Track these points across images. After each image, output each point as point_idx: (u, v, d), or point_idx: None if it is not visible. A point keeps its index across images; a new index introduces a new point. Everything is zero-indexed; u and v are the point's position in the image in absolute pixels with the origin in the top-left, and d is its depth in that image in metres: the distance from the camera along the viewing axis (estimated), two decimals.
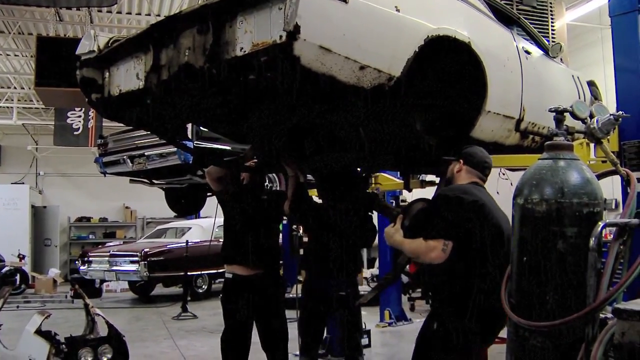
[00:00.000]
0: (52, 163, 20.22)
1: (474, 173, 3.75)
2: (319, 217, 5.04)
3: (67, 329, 7.48)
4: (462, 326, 3.31)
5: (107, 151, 9.51)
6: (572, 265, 2.47)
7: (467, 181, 3.70)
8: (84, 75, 4.39)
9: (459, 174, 3.77)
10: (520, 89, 4.96)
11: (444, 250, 3.30)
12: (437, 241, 3.34)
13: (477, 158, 3.82)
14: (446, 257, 3.31)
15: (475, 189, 3.60)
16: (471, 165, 3.76)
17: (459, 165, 3.78)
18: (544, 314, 2.50)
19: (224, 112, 4.92)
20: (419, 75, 3.91)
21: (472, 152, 3.86)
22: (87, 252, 14.29)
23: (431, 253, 3.35)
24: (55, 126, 16.74)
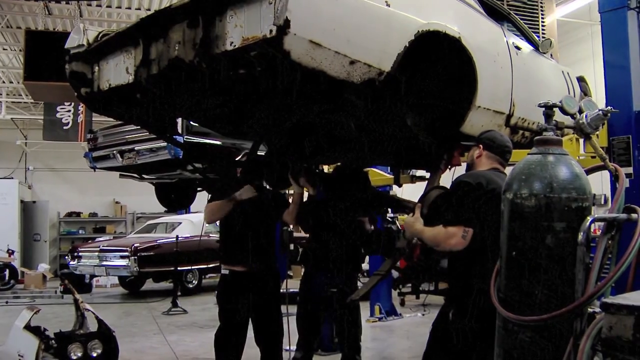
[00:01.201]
0: (42, 158, 20.12)
1: (495, 158, 3.71)
2: (320, 217, 5.03)
3: (56, 324, 7.47)
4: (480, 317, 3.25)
5: (96, 146, 9.47)
6: (560, 260, 2.48)
7: (488, 167, 3.65)
8: (73, 69, 4.38)
9: (479, 159, 3.73)
10: (511, 85, 4.98)
11: (464, 237, 3.27)
12: (457, 228, 3.30)
13: (497, 142, 3.77)
14: (466, 244, 3.27)
15: (496, 176, 3.51)
16: (491, 150, 3.72)
17: (478, 151, 3.75)
18: (532, 309, 2.51)
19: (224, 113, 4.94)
20: (410, 71, 3.92)
21: (492, 137, 3.81)
22: (77, 247, 14.25)
23: (451, 240, 3.31)
24: (45, 121, 16.64)
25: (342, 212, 4.97)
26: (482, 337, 3.23)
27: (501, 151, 3.73)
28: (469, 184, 3.45)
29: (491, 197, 3.27)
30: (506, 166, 3.71)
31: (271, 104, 4.51)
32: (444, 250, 3.42)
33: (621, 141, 5.55)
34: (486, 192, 3.34)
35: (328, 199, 5.04)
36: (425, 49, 3.90)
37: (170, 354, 7.45)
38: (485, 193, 3.34)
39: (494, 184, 3.36)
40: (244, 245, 5.00)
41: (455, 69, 4.36)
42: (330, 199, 5.03)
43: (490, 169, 3.62)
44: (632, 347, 2.08)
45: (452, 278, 3.68)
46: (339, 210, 4.98)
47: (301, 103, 4.38)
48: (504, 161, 3.74)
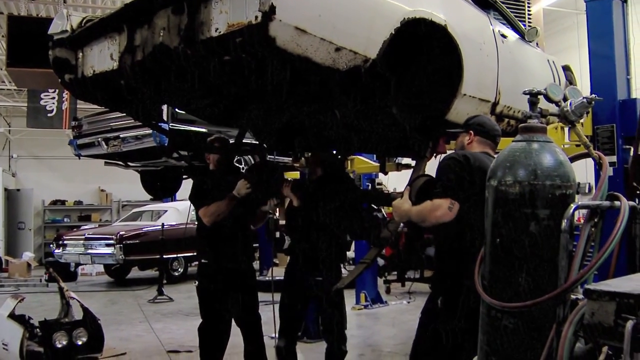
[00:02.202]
0: (26, 145, 19.97)
1: (486, 143, 3.69)
2: (310, 218, 5.02)
3: (41, 312, 7.44)
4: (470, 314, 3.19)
5: (81, 133, 9.42)
6: (544, 247, 2.50)
7: (479, 151, 3.61)
8: (56, 55, 4.34)
9: (470, 145, 3.69)
10: (496, 73, 4.99)
11: (450, 208, 3.23)
12: (443, 199, 3.27)
13: (488, 127, 3.75)
14: (453, 217, 3.23)
15: (486, 157, 3.48)
16: (482, 135, 3.70)
17: (469, 137, 3.71)
18: (516, 295, 2.52)
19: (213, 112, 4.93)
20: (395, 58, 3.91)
21: (482, 122, 3.78)
22: (62, 235, 14.18)
23: (437, 212, 3.27)
24: (28, 108, 16.51)
25: (331, 213, 4.96)
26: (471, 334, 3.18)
27: (492, 135, 3.72)
28: (455, 158, 3.45)
29: (479, 174, 3.24)
30: (495, 150, 3.70)
31: (260, 105, 4.51)
32: (430, 224, 3.35)
33: (605, 130, 5.60)
34: (472, 168, 3.32)
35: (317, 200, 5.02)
36: (411, 37, 3.90)
37: (155, 342, 7.45)
38: (471, 168, 3.32)
39: (481, 162, 3.35)
40: (233, 243, 5.02)
41: (441, 56, 4.36)
42: (320, 200, 5.02)
43: (482, 152, 3.60)
44: (614, 333, 2.10)
45: (441, 273, 3.66)
46: (328, 211, 4.97)
47: (290, 103, 4.39)
48: (495, 145, 3.73)
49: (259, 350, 5.18)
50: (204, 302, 5.16)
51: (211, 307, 5.11)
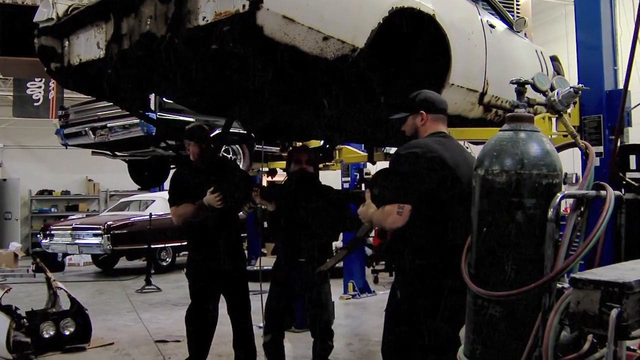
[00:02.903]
0: (12, 135, 19.82)
1: (440, 118, 3.52)
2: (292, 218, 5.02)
3: (28, 303, 7.42)
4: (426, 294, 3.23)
5: (68, 123, 9.35)
6: (530, 236, 2.51)
7: (435, 130, 3.46)
8: (42, 43, 4.30)
9: (425, 126, 3.48)
10: (484, 63, 5.00)
11: (400, 213, 3.15)
12: (391, 205, 3.19)
13: (436, 101, 3.55)
14: (404, 221, 3.15)
15: (437, 142, 3.33)
16: (434, 111, 3.50)
17: (422, 117, 3.48)
18: (502, 284, 2.53)
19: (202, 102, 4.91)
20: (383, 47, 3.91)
21: (429, 98, 3.55)
22: (49, 225, 14.12)
23: (387, 219, 3.21)
24: (15, 97, 16.38)
25: (313, 213, 4.96)
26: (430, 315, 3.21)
27: (442, 108, 3.55)
28: (401, 155, 3.34)
29: (428, 166, 3.18)
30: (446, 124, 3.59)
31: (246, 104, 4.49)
32: (391, 229, 3.31)
33: (592, 120, 5.61)
34: (423, 161, 3.20)
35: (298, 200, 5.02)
36: (399, 26, 3.90)
37: (143, 332, 7.44)
38: (420, 163, 3.20)
39: (432, 151, 3.24)
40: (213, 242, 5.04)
41: (429, 46, 4.36)
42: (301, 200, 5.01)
43: (436, 133, 3.45)
44: (599, 321, 2.11)
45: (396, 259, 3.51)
46: (310, 212, 4.98)
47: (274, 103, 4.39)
48: (446, 117, 3.59)
49: (247, 342, 5.18)
50: (189, 283, 5.16)
51: (199, 295, 5.11)
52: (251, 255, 12.17)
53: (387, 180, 3.40)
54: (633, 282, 2.08)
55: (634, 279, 2.10)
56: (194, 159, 5.12)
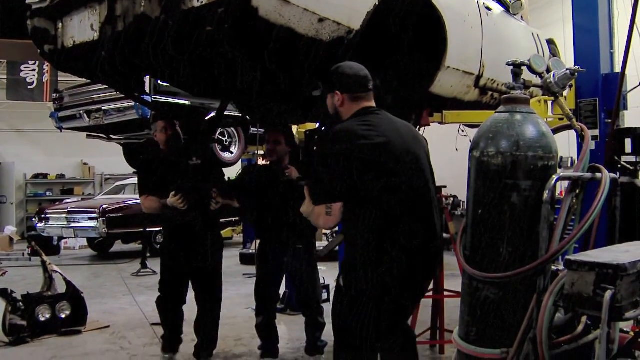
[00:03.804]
0: (6, 118, 19.69)
1: (359, 97, 3.10)
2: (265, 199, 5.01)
3: (24, 286, 7.41)
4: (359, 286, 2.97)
5: (62, 106, 9.32)
6: (525, 218, 2.51)
7: (356, 110, 3.08)
8: (35, 25, 4.27)
9: (343, 107, 3.12)
10: (480, 45, 4.98)
11: (329, 213, 3.00)
12: (319, 207, 3.03)
13: (352, 77, 3.11)
14: (337, 218, 3.00)
15: (356, 125, 2.99)
16: (351, 90, 3.10)
17: (338, 97, 3.11)
18: (497, 266, 2.54)
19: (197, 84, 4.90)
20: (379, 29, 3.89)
21: (345, 76, 3.12)
22: (45, 209, 14.08)
23: (319, 221, 3.08)
24: (8, 80, 16.28)
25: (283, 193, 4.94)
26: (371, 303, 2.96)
27: (362, 83, 3.12)
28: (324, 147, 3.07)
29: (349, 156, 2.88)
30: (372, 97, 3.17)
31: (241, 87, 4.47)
32: (325, 228, 3.24)
33: (588, 104, 5.62)
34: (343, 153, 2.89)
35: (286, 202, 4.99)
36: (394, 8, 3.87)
37: (139, 315, 7.44)
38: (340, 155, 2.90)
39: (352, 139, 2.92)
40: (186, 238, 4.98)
41: (424, 28, 4.34)
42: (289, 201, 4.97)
43: (360, 111, 3.09)
44: (593, 303, 2.13)
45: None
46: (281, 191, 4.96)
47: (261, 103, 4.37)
48: (369, 91, 3.14)
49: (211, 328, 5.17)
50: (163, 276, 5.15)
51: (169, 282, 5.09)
52: (247, 238, 12.21)
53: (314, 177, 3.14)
54: (627, 264, 2.09)
55: (628, 261, 2.11)
56: (164, 148, 5.02)
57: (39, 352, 5.75)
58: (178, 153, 5.03)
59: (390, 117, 3.13)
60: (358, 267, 2.93)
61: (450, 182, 5.94)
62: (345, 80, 3.10)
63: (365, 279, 2.89)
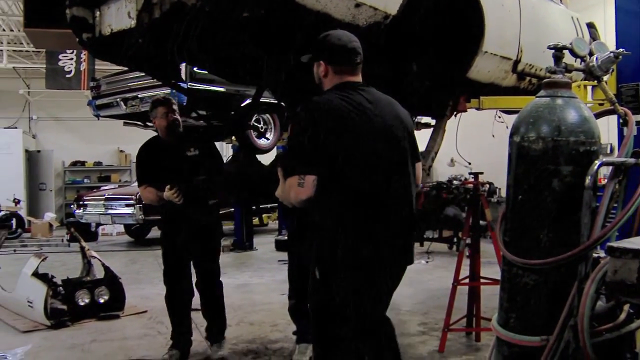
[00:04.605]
0: (45, 107, 20.03)
1: (343, 70, 2.99)
2: None
3: (64, 271, 7.55)
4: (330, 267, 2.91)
5: (100, 94, 9.43)
6: (566, 204, 2.47)
7: (338, 82, 2.99)
8: (74, 14, 4.32)
9: (326, 78, 3.02)
10: (518, 30, 4.91)
11: (301, 184, 2.79)
12: (291, 178, 2.83)
13: (339, 49, 2.98)
14: (310, 191, 2.80)
15: (333, 96, 2.91)
16: (336, 62, 2.99)
17: (322, 68, 3.01)
18: (537, 253, 2.50)
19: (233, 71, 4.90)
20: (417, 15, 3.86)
21: (330, 45, 3.00)
22: (82, 196, 14.30)
23: (290, 193, 2.84)
24: (47, 69, 16.56)
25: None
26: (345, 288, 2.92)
27: (347, 56, 2.99)
28: (297, 120, 2.97)
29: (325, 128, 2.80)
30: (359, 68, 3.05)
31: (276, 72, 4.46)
32: (300, 205, 2.90)
33: (630, 88, 5.49)
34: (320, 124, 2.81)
35: None
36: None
37: None
38: (316, 126, 2.81)
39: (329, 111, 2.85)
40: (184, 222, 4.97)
41: (462, 13, 4.29)
42: None
43: (342, 84, 2.99)
44: (636, 290, 2.08)
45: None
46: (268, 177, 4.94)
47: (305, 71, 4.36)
48: (355, 65, 3.02)
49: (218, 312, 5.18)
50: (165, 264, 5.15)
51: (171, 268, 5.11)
52: (282, 225, 12.27)
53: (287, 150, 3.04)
54: None
55: None
56: (164, 135, 5.00)
57: (79, 335, 5.86)
58: (177, 143, 4.99)
59: (374, 94, 3.01)
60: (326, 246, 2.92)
61: (487, 169, 5.89)
62: (331, 50, 2.99)
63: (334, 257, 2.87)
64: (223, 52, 4.37)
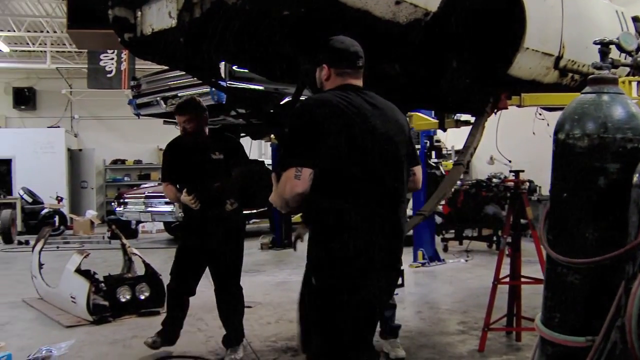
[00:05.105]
0: (87, 106, 20.38)
1: (345, 73, 2.98)
2: None
3: (105, 268, 7.67)
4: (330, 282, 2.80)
5: (140, 93, 9.55)
6: (613, 202, 2.42)
7: (340, 84, 2.98)
8: (116, 14, 4.37)
9: (328, 81, 3.02)
10: (561, 25, 4.83)
11: (298, 176, 2.70)
12: (288, 170, 2.73)
13: (340, 52, 2.99)
14: (306, 185, 2.71)
15: (331, 95, 2.89)
16: (338, 65, 2.98)
17: (325, 71, 3.01)
18: (583, 251, 2.46)
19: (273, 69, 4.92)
20: (456, 11, 3.82)
21: (333, 48, 3.00)
22: (123, 193, 14.49)
23: (285, 186, 2.73)
24: (89, 69, 16.85)
25: None
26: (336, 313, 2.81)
27: (350, 60, 2.99)
28: (294, 114, 2.98)
29: (323, 122, 2.76)
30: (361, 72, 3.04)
31: None
32: (294, 202, 2.78)
33: None
34: (317, 117, 2.78)
35: None
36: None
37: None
38: (314, 119, 2.78)
39: (327, 106, 2.82)
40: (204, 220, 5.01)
41: (503, 9, 4.24)
42: None
43: (341, 86, 2.97)
44: None
45: None
46: None
47: None
48: (357, 69, 3.01)
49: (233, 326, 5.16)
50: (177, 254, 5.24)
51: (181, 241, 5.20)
52: None
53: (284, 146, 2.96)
54: None
55: None
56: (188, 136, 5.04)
57: (120, 331, 5.95)
58: (203, 146, 5.03)
59: (374, 98, 3.00)
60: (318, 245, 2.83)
61: (526, 167, 5.81)
62: (334, 54, 3.00)
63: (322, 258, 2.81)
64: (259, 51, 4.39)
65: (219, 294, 5.15)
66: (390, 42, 3.71)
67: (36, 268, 7.36)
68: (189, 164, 4.99)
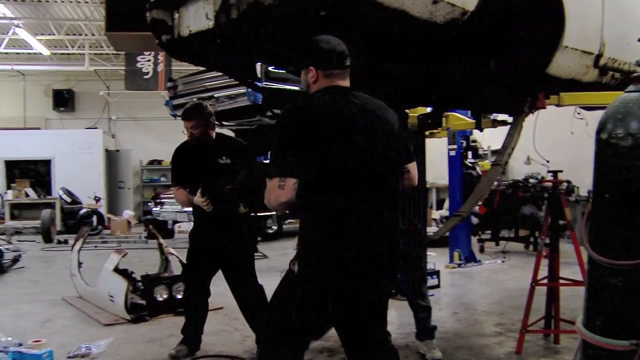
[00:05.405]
0: (124, 107, 20.67)
1: (333, 74, 2.92)
2: None
3: (142, 267, 7.76)
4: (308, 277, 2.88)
5: (176, 94, 9.66)
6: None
7: (327, 85, 2.92)
8: (153, 16, 4.42)
9: (315, 84, 2.95)
10: (601, 22, 4.75)
11: (281, 186, 2.70)
12: (272, 180, 2.73)
13: (328, 53, 2.92)
14: (290, 194, 2.71)
15: (323, 99, 2.85)
16: (324, 66, 2.91)
17: (312, 73, 2.94)
18: (626, 253, 2.41)
19: None
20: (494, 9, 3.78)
21: (321, 51, 2.93)
22: (159, 193, 14.64)
23: (270, 195, 2.74)
24: (126, 71, 17.08)
25: None
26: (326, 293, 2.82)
27: (335, 60, 2.93)
28: (278, 122, 2.93)
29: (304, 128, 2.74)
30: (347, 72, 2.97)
31: None
32: (281, 208, 2.81)
33: None
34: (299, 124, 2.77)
35: None
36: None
37: None
38: (296, 126, 2.77)
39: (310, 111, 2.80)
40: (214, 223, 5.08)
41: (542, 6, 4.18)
42: None
43: (327, 88, 2.92)
44: None
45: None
46: None
47: None
48: (343, 69, 2.95)
49: None
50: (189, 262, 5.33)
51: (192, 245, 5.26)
52: None
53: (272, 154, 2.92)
54: None
55: None
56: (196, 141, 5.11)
57: (157, 329, 6.01)
58: (210, 151, 5.09)
59: (363, 98, 2.94)
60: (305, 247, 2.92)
61: (564, 167, 5.72)
62: (321, 55, 2.93)
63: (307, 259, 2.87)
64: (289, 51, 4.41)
65: (239, 294, 5.25)
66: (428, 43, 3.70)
67: (75, 267, 7.47)
68: (196, 169, 5.05)
